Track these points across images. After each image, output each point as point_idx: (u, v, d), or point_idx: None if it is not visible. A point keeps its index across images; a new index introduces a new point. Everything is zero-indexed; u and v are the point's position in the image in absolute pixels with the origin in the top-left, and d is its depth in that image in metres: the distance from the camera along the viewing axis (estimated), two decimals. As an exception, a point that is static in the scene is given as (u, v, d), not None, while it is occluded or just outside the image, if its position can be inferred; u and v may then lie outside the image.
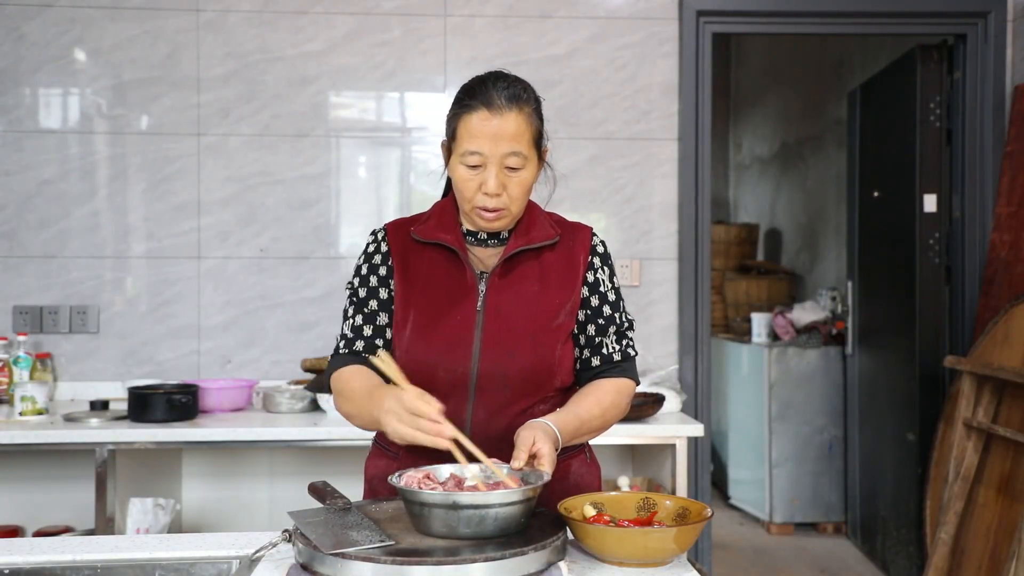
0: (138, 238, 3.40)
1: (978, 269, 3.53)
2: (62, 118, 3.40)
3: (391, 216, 3.42)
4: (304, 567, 1.27)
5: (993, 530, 2.98)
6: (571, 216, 1.80)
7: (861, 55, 5.08)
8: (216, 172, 3.42)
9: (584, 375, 1.65)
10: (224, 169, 3.42)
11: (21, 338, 3.21)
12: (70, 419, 2.86)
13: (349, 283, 1.67)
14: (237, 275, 3.43)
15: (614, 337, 1.64)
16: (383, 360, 1.41)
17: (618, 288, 1.68)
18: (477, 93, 1.53)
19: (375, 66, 3.45)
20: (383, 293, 1.63)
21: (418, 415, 1.35)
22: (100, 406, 3.01)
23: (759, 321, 5.03)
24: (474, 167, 1.52)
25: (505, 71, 1.59)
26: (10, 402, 3.03)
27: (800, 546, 4.58)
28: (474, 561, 1.20)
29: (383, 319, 1.62)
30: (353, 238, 3.47)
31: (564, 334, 1.60)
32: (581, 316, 1.64)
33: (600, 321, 1.64)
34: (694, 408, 3.47)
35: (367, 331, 1.62)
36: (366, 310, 1.63)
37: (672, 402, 3.15)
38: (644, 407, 2.95)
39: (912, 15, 3.55)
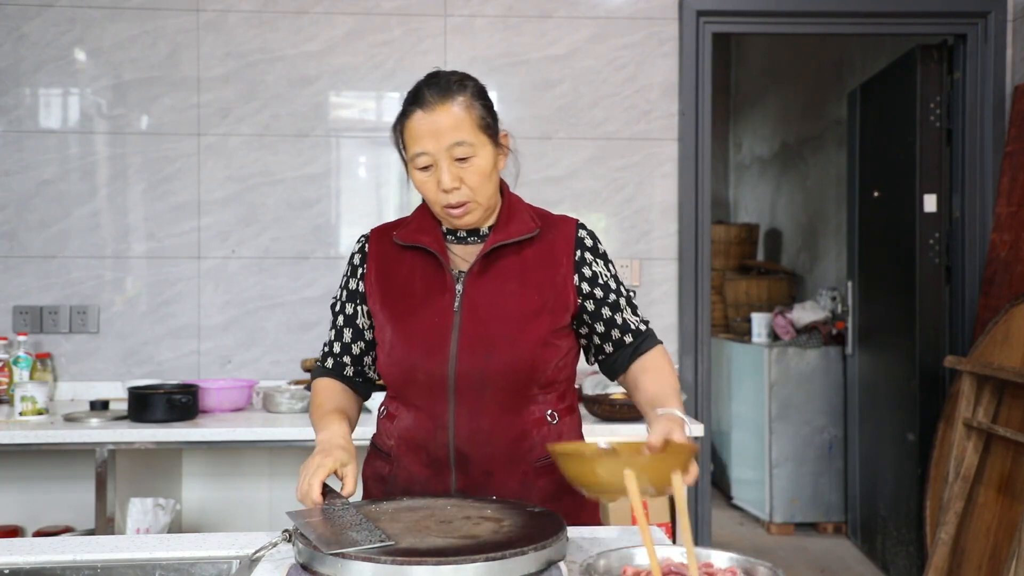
0: (138, 238, 3.40)
1: (978, 269, 3.53)
2: (62, 118, 3.40)
3: (391, 216, 3.43)
4: (304, 567, 1.27)
5: (993, 530, 2.98)
6: (572, 216, 1.78)
7: (861, 55, 5.08)
8: (216, 172, 3.42)
9: (622, 354, 1.64)
10: (224, 169, 3.42)
11: (21, 338, 3.21)
12: (70, 419, 2.86)
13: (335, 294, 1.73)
14: (237, 275, 3.43)
15: (629, 311, 1.65)
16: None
17: (615, 274, 1.68)
18: (412, 98, 1.54)
19: (375, 66, 3.45)
20: (349, 309, 1.68)
21: (300, 484, 1.44)
22: (100, 406, 3.01)
23: (759, 321, 5.03)
24: (426, 168, 1.52)
25: (442, 70, 1.58)
26: (10, 402, 3.03)
27: (800, 546, 4.58)
28: (474, 561, 1.20)
29: (348, 336, 1.68)
30: (353, 238, 3.47)
31: (546, 330, 1.57)
32: (590, 307, 1.62)
33: (609, 303, 1.63)
34: (694, 408, 3.47)
35: (336, 348, 1.70)
36: (336, 324, 1.70)
37: (672, 402, 3.14)
38: (644, 407, 2.95)
39: (912, 15, 3.55)
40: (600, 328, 1.63)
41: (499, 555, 1.21)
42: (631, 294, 1.68)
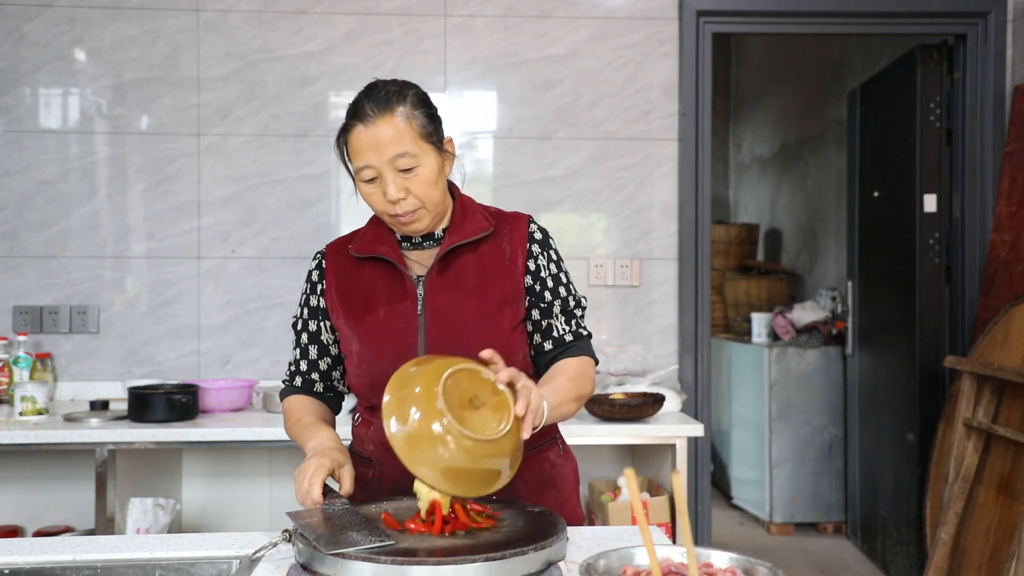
0: (138, 238, 3.40)
1: (978, 269, 3.53)
2: (62, 118, 3.40)
3: (391, 216, 3.42)
4: (304, 567, 1.27)
5: (993, 530, 2.98)
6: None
7: (861, 55, 5.08)
8: (216, 172, 3.42)
9: (540, 360, 1.65)
10: (224, 169, 3.42)
11: (21, 338, 3.21)
12: (70, 419, 2.86)
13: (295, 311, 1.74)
14: (237, 275, 3.43)
15: (562, 318, 1.64)
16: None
17: (562, 272, 1.67)
18: (352, 111, 1.54)
19: (375, 66, 3.45)
20: (312, 326, 1.69)
21: (299, 486, 1.44)
22: (100, 406, 3.02)
23: (759, 321, 5.03)
24: (371, 181, 1.53)
25: (381, 80, 1.58)
26: (10, 402, 3.03)
27: (800, 546, 4.58)
28: (474, 561, 1.20)
29: (313, 353, 1.69)
30: (353, 238, 3.47)
31: (509, 324, 1.59)
32: (527, 304, 1.63)
33: (543, 305, 1.63)
34: (694, 408, 3.47)
35: (303, 366, 1.71)
36: (300, 342, 1.71)
37: (672, 402, 3.15)
38: (644, 407, 2.95)
39: (912, 15, 3.55)
40: (528, 327, 1.65)
41: (499, 555, 1.21)
42: (574, 301, 1.66)
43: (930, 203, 3.69)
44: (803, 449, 4.77)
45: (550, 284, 1.64)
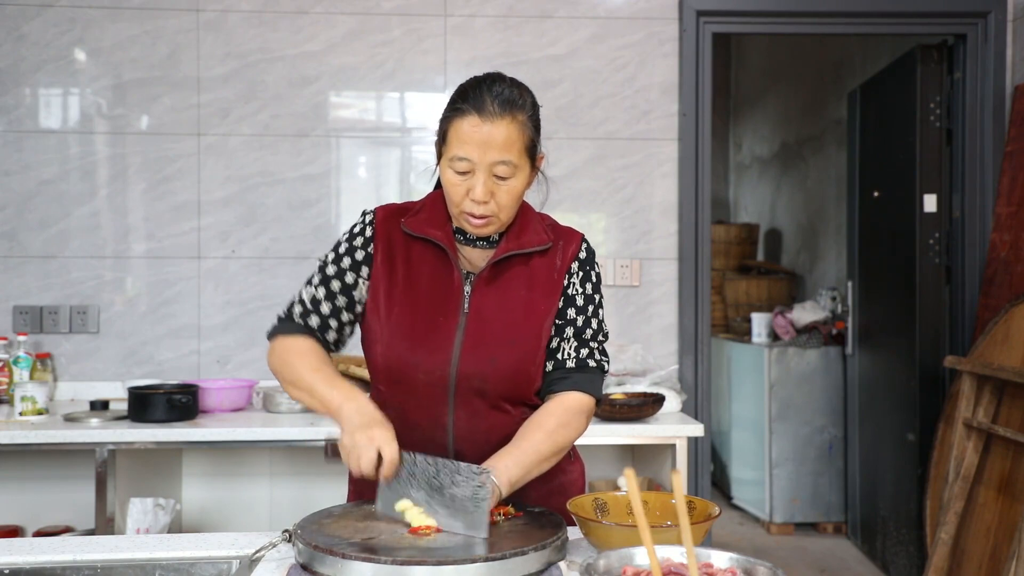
0: (138, 238, 3.40)
1: (978, 269, 3.53)
2: (62, 118, 3.40)
3: (391, 216, 3.42)
4: (304, 567, 1.27)
5: (993, 530, 2.98)
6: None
7: (861, 55, 5.08)
8: (216, 172, 3.42)
9: (545, 379, 1.59)
10: (224, 169, 3.42)
11: (21, 338, 3.21)
12: (70, 419, 2.86)
13: (324, 255, 1.64)
14: (237, 275, 3.43)
15: (573, 343, 1.58)
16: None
17: (593, 295, 1.62)
18: (470, 97, 1.48)
19: (375, 66, 3.45)
20: (349, 278, 1.58)
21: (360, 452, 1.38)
22: (100, 406, 3.01)
23: (759, 321, 5.03)
24: (462, 173, 1.48)
25: (503, 74, 1.53)
26: (10, 402, 3.03)
27: (800, 546, 4.58)
28: (474, 561, 1.20)
29: (341, 301, 1.58)
30: (353, 238, 3.47)
31: (546, 341, 1.57)
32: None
33: (558, 322, 1.58)
34: (694, 408, 3.47)
35: (324, 308, 1.58)
36: (330, 287, 1.59)
37: (672, 402, 3.15)
38: (644, 407, 2.95)
39: (912, 15, 3.55)
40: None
41: (499, 555, 1.21)
42: (593, 330, 1.61)
43: (930, 203, 3.69)
44: (803, 449, 4.77)
45: (578, 302, 1.60)
